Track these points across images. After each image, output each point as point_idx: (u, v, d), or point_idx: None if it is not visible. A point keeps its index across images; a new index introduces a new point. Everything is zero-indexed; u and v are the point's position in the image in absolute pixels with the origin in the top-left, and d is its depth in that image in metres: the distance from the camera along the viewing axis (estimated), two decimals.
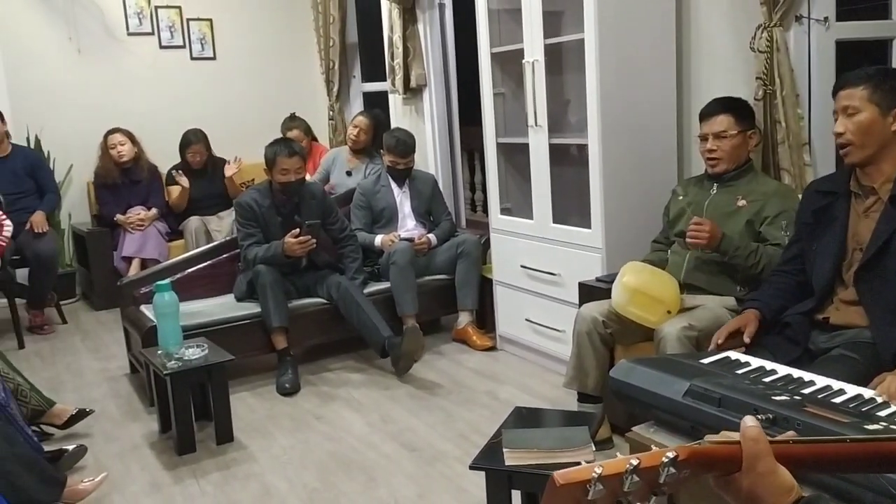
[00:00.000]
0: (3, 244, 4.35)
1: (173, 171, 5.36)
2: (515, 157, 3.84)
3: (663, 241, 3.03)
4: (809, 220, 2.31)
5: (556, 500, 0.75)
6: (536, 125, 3.47)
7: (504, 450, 2.01)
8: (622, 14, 3.12)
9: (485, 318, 4.23)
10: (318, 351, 4.07)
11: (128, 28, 5.70)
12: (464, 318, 4.14)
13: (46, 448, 2.86)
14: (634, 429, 1.97)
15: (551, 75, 3.45)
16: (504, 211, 3.87)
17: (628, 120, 3.20)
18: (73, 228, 5.57)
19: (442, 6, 4.98)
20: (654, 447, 0.86)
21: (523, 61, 3.46)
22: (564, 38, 3.41)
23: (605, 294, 2.86)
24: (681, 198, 2.95)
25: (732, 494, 0.85)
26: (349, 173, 4.98)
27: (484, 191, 4.77)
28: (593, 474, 0.75)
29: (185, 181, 5.30)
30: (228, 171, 5.38)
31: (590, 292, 3.05)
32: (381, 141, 4.51)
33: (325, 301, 3.91)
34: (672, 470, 0.78)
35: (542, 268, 3.57)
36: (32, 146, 5.32)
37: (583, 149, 3.35)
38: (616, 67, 3.13)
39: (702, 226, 2.62)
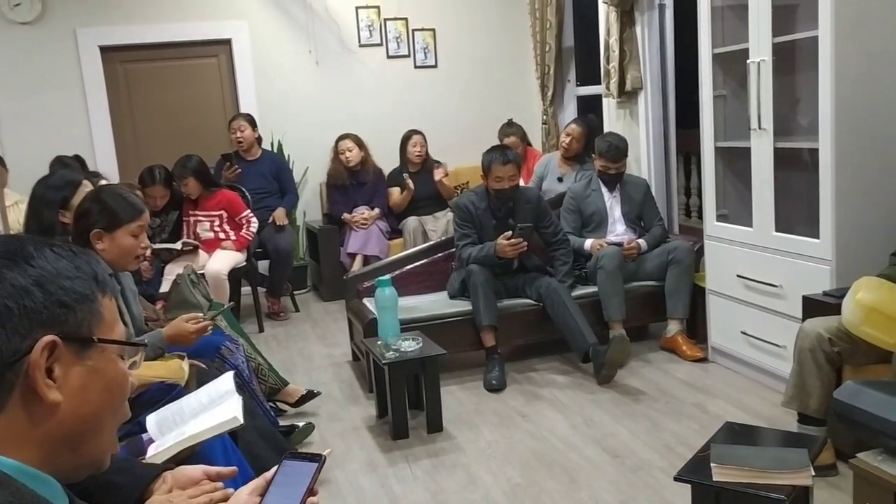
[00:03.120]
0: (250, 238, 4.91)
1: (404, 174, 5.64)
2: (735, 161, 3.67)
3: None
4: None
5: None
6: (760, 128, 3.29)
7: (712, 465, 1.95)
8: (864, 6, 2.89)
9: (695, 328, 4.07)
10: (524, 350, 4.15)
11: (359, 40, 6.15)
12: (673, 327, 4.03)
13: (281, 423, 3.20)
14: (860, 455, 1.84)
15: (778, 75, 3.25)
16: (720, 217, 3.71)
17: (868, 123, 2.94)
18: (307, 225, 6.11)
19: (662, 7, 4.86)
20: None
21: (748, 62, 3.30)
22: (797, 35, 3.20)
23: (833, 309, 2.66)
24: None
25: None
26: (560, 179, 5.05)
27: (699, 196, 4.60)
28: None
29: (411, 184, 5.59)
30: (437, 175, 5.60)
31: (815, 307, 2.85)
32: (593, 147, 4.49)
33: (533, 302, 3.98)
34: None
35: (761, 278, 3.39)
36: (276, 150, 5.91)
37: (812, 153, 3.14)
38: (855, 66, 2.90)
39: None
